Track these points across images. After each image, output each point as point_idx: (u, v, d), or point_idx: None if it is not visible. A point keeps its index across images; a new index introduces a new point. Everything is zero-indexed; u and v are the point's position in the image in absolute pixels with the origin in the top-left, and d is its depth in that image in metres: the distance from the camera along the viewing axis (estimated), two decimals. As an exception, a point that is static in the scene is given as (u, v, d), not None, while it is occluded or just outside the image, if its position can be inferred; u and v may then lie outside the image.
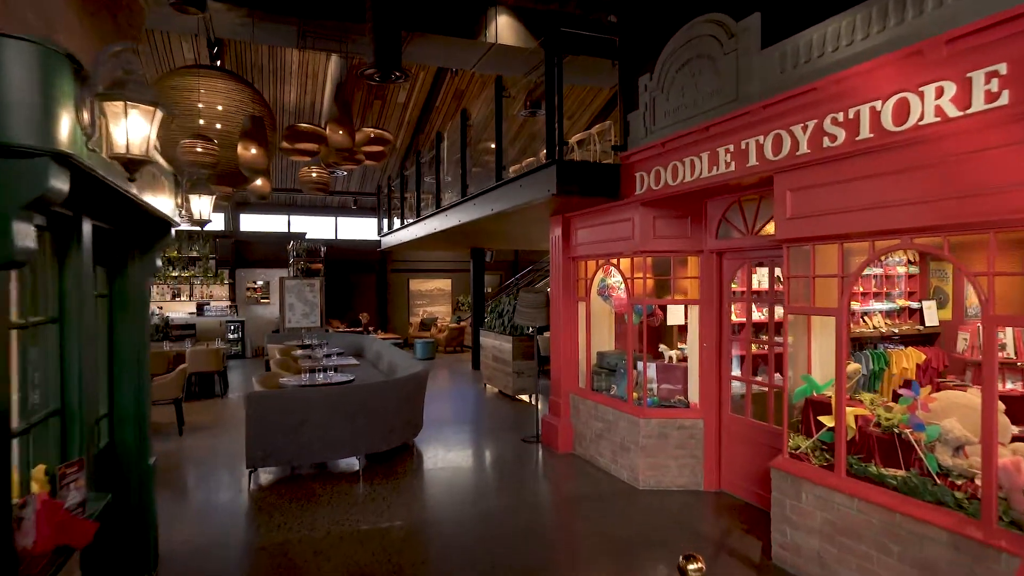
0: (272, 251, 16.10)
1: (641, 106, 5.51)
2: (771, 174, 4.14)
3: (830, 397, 4.08)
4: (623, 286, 6.44)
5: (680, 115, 5.00)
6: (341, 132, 6.23)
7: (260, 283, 16.36)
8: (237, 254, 15.89)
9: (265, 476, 6.03)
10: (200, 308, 15.00)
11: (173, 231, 4.01)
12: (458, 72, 12.70)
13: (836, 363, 3.79)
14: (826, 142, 3.66)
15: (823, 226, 3.77)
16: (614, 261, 6.33)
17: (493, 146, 8.01)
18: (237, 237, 16.20)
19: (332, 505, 5.27)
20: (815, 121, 3.73)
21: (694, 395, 5.85)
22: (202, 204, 3.96)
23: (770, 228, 4.99)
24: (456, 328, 17.19)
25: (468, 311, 17.52)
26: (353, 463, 6.32)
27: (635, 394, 6.01)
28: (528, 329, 9.47)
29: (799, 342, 4.43)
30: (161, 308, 15.17)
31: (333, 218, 18.19)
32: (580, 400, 6.84)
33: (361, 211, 18.15)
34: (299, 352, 9.72)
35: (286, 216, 17.62)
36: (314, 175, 7.08)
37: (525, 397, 10.13)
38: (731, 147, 4.43)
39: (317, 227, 17.97)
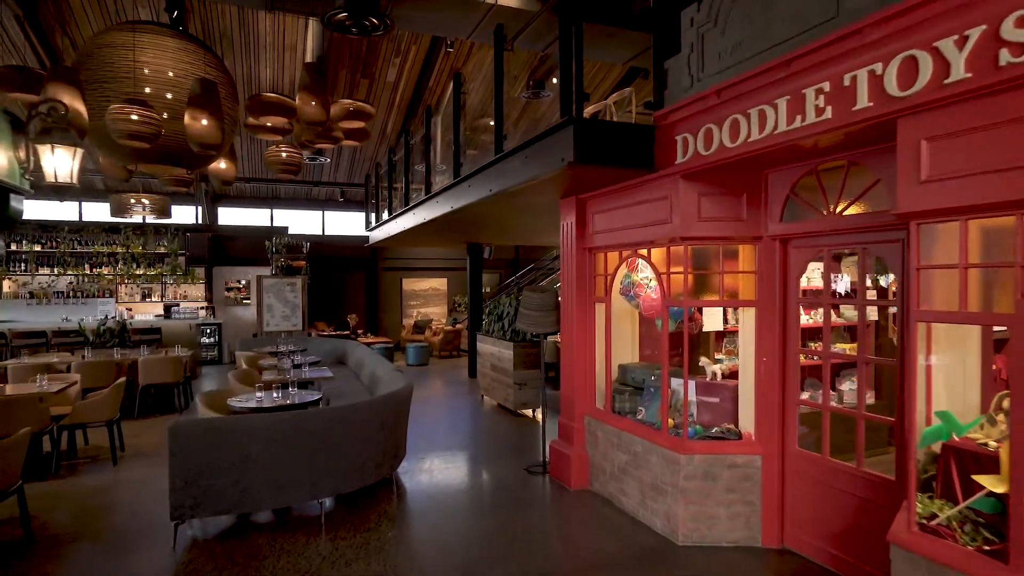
0: (253, 247, 14.71)
1: (685, 47, 4.21)
2: (892, 117, 2.85)
3: (984, 444, 2.80)
4: (654, 283, 5.15)
5: (743, 52, 3.70)
6: (313, 103, 4.97)
7: (243, 282, 15.02)
8: (214, 250, 14.54)
9: (203, 526, 4.73)
10: (167, 310, 13.66)
11: (19, 202, 2.72)
12: (453, 46, 11.40)
13: (1012, 393, 2.50)
14: (1004, 57, 2.37)
15: (991, 190, 2.48)
16: (643, 252, 5.04)
17: (492, 123, 6.72)
18: (214, 232, 14.86)
19: (278, 573, 3.97)
20: (982, 28, 2.44)
21: (747, 423, 4.57)
22: (58, 161, 2.63)
23: (855, 207, 3.72)
24: (452, 331, 15.91)
25: (465, 312, 16.25)
26: (317, 506, 5.03)
27: (671, 420, 4.74)
28: (531, 334, 8.18)
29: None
30: (131, 310, 13.88)
31: (320, 212, 16.85)
32: (598, 424, 5.55)
33: (350, 205, 16.84)
34: (267, 361, 8.40)
35: (268, 210, 16.30)
36: (283, 155, 5.86)
37: (528, 412, 8.84)
38: (826, 85, 3.13)
39: (302, 221, 16.65)
